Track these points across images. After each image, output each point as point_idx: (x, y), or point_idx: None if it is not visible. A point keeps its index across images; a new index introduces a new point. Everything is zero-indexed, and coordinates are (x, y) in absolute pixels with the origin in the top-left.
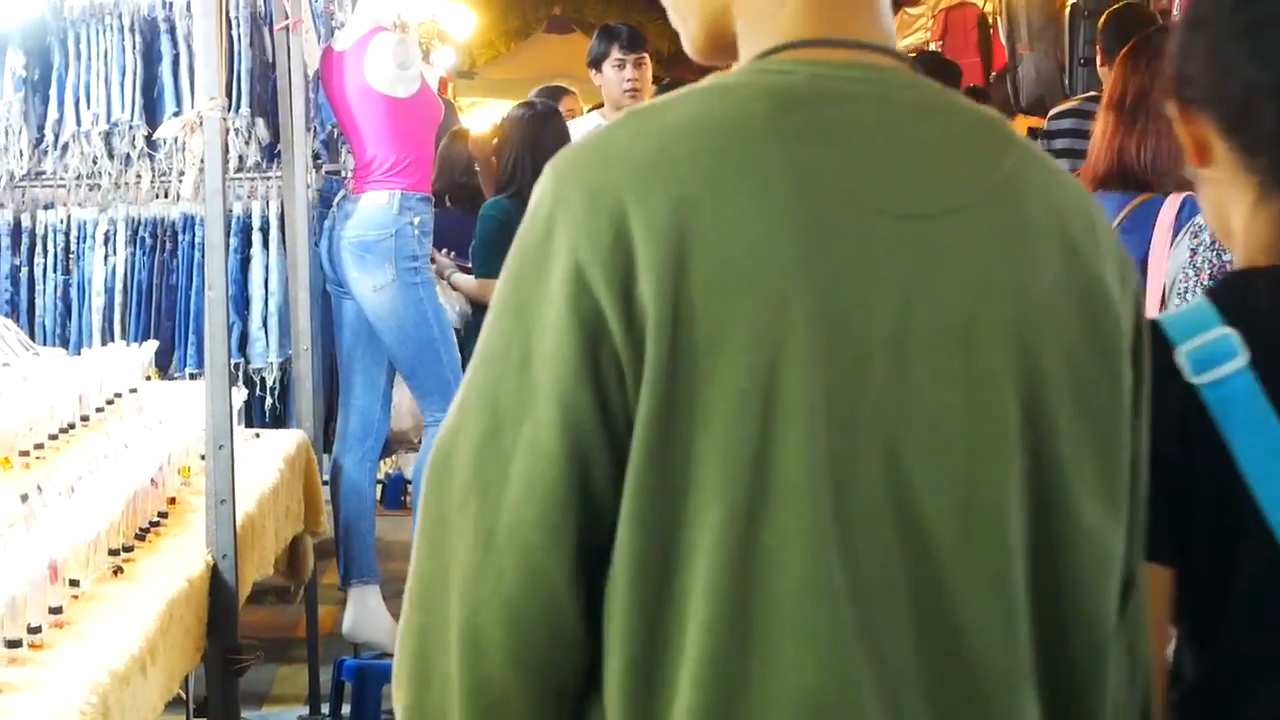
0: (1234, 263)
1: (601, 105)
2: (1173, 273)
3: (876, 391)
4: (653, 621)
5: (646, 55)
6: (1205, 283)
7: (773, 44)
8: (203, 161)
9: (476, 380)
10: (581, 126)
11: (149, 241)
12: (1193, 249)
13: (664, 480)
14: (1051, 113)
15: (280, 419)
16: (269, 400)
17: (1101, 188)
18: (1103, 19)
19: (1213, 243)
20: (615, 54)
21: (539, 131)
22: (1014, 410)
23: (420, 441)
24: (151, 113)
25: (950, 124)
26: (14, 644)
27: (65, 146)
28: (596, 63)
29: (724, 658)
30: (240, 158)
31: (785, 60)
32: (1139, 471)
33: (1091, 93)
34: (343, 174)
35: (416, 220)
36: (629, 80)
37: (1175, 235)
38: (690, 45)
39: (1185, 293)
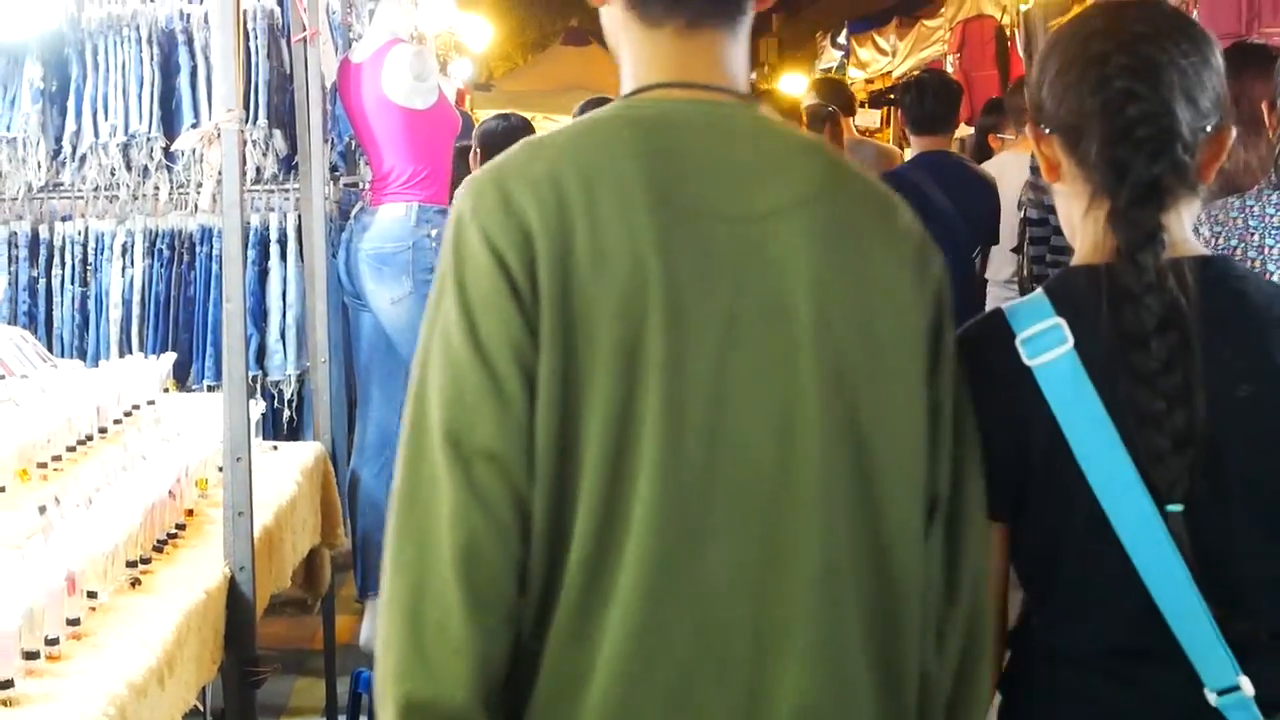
0: (1073, 259)
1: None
2: None
3: (712, 352)
4: (557, 517)
5: None
6: None
7: (637, 86)
8: (220, 173)
9: (437, 344)
10: None
11: (167, 253)
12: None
13: (564, 414)
14: None
15: (298, 431)
16: (287, 412)
17: None
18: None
19: (1211, 238)
20: None
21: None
22: (820, 368)
23: None
24: (169, 124)
25: (771, 146)
26: (32, 655)
27: (83, 158)
28: None
29: (595, 539)
30: (258, 170)
31: (644, 99)
32: (940, 419)
33: None
34: (360, 186)
35: (434, 232)
36: None
37: None
38: None
39: None
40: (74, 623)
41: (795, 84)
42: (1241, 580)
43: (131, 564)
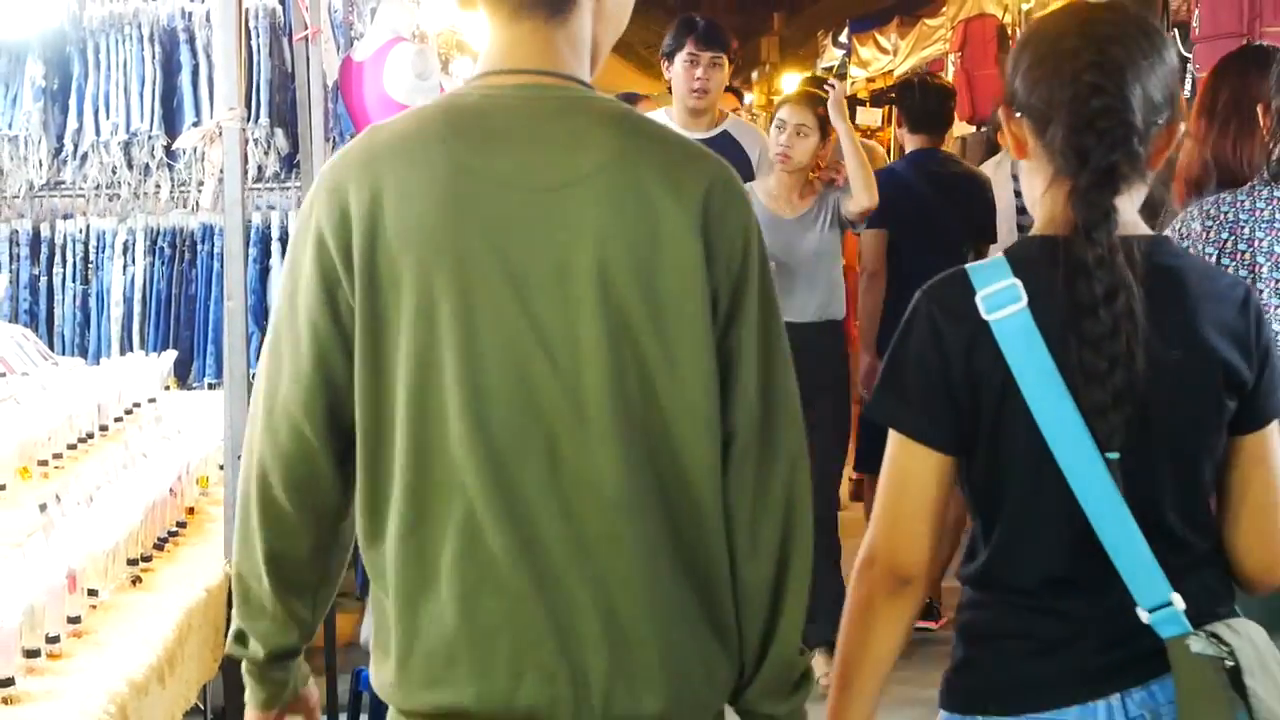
0: (1032, 229)
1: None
2: None
3: (503, 307)
4: (375, 455)
5: (725, 56)
6: None
7: (476, 74)
8: (222, 172)
9: (274, 313)
10: None
11: (168, 251)
12: (1186, 245)
13: (375, 367)
14: None
15: None
16: None
17: (1197, 191)
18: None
19: (1203, 231)
20: (689, 48)
21: None
22: (603, 321)
23: None
24: (171, 123)
25: (579, 121)
26: (33, 653)
27: (84, 156)
28: (670, 54)
29: (414, 470)
30: (259, 168)
31: (471, 86)
32: (739, 363)
33: None
34: None
35: None
36: (698, 79)
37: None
38: None
39: None
40: (75, 620)
41: (794, 83)
42: (1166, 516)
43: (132, 562)
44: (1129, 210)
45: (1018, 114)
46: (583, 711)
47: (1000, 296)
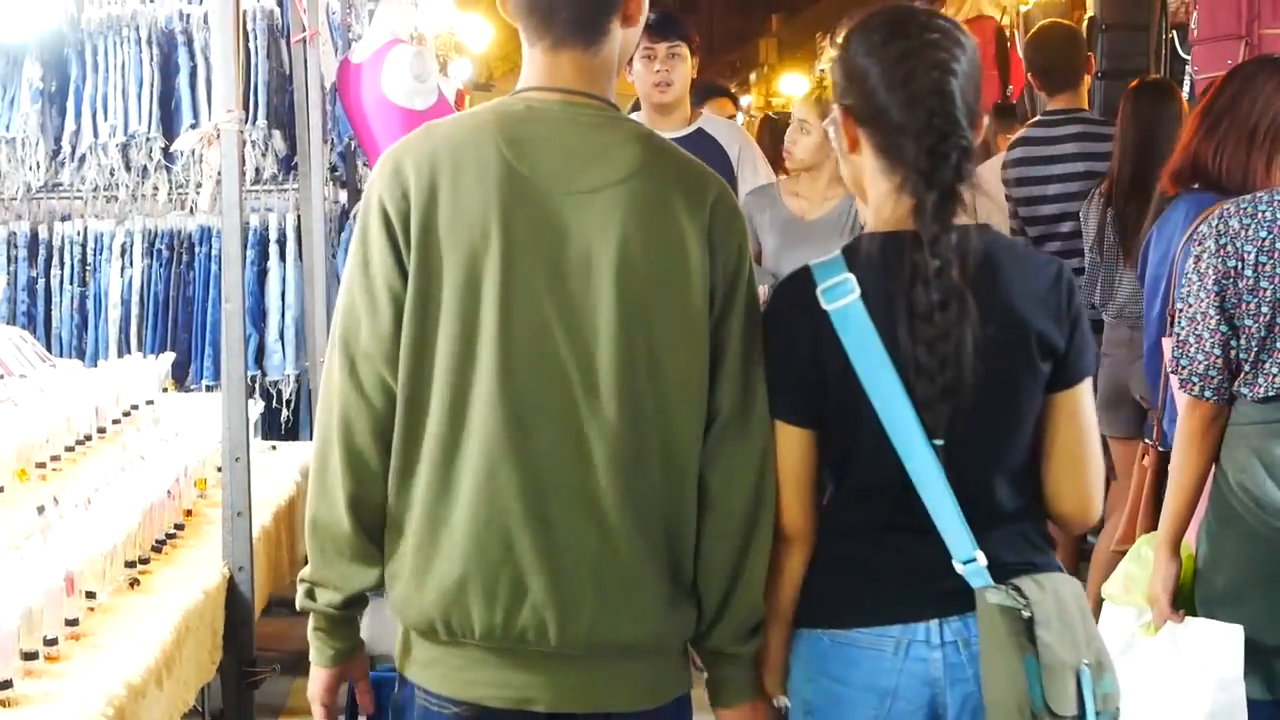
0: (868, 225)
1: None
2: (1181, 275)
3: (537, 289)
4: (414, 400)
5: (684, 45)
6: (1209, 286)
7: (520, 88)
8: (220, 174)
9: (346, 274)
10: None
11: (166, 253)
12: (1196, 255)
13: (423, 326)
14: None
15: (296, 431)
16: (285, 413)
17: (1176, 183)
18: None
19: (1217, 250)
20: (643, 43)
21: None
22: (620, 308)
23: None
24: (169, 125)
25: (610, 136)
26: (30, 656)
27: (82, 158)
28: None
29: (447, 421)
30: (257, 170)
31: (519, 98)
32: (726, 354)
33: (1038, 117)
34: (360, 187)
35: None
36: (658, 73)
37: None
38: None
39: (1187, 295)
40: (72, 623)
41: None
42: (981, 485)
43: (130, 564)
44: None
45: (848, 110)
46: (568, 637)
47: (837, 290)
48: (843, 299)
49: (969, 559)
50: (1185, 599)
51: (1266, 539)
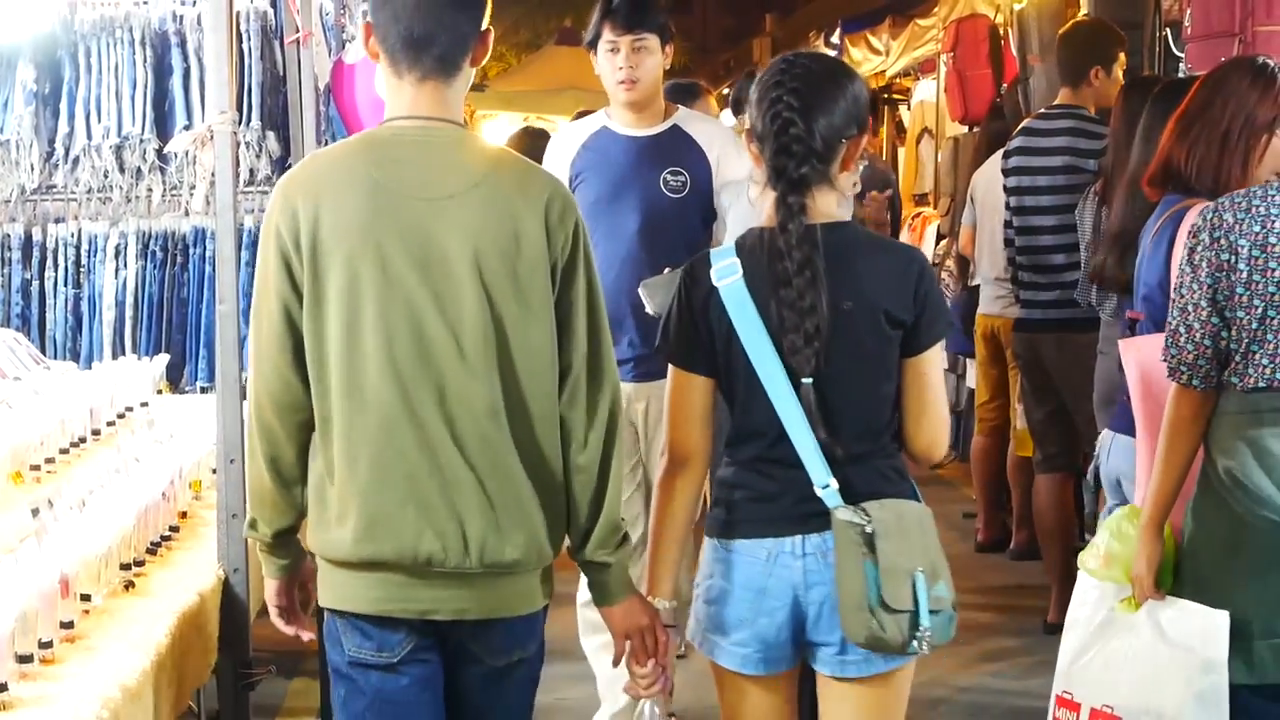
0: (756, 222)
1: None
2: (1177, 269)
3: (409, 284)
4: (320, 383)
5: (651, 36)
6: (1202, 279)
7: (388, 117)
8: (213, 175)
9: (254, 293)
10: (577, 130)
11: (160, 255)
12: (1191, 247)
13: (318, 322)
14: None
15: None
16: None
17: (1151, 187)
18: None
19: (1210, 243)
20: (606, 34)
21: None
22: (478, 293)
23: None
24: (162, 126)
25: (460, 154)
26: (25, 659)
27: (76, 160)
28: (592, 44)
29: (346, 396)
30: (251, 171)
31: (385, 126)
32: (572, 319)
33: (1041, 109)
34: None
35: None
36: (621, 69)
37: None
38: None
39: (1180, 286)
40: (67, 625)
41: None
42: (841, 423)
43: (125, 566)
44: (825, 204)
45: (748, 130)
46: (467, 558)
47: (725, 270)
48: (729, 277)
49: (825, 484)
50: (1164, 576)
51: (1252, 525)
